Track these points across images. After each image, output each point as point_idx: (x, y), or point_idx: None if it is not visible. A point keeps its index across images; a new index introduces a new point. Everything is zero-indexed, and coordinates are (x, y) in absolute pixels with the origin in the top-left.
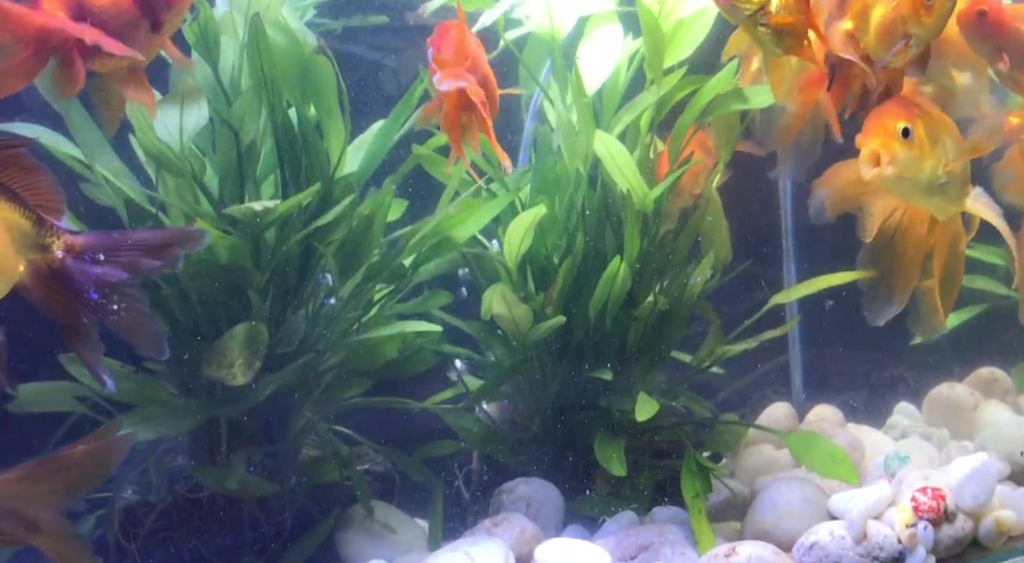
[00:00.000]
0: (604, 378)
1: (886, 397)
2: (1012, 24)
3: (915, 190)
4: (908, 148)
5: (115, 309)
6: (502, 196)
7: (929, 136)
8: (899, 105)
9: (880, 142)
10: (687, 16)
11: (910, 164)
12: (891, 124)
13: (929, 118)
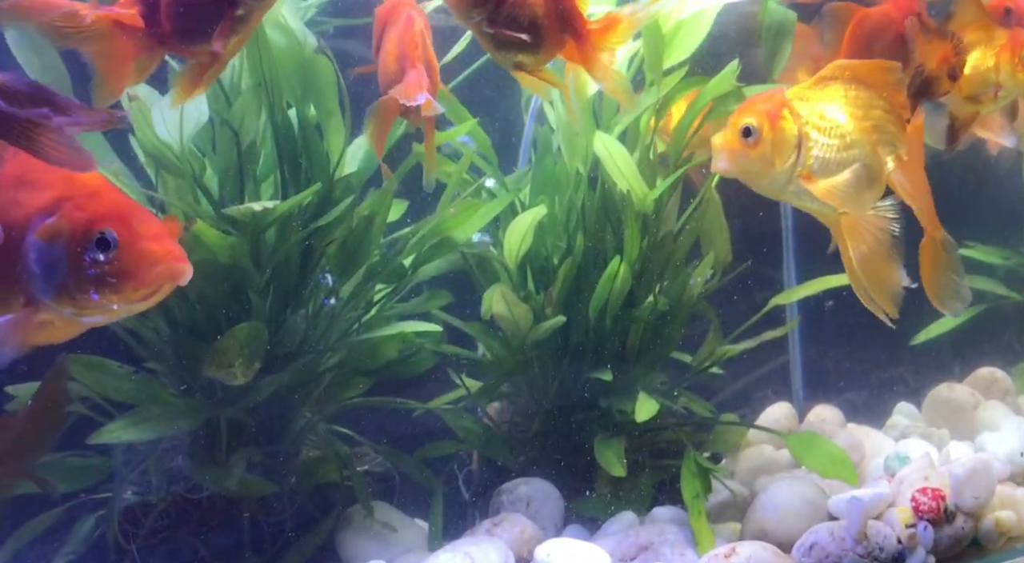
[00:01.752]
0: (604, 378)
1: (886, 397)
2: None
3: (766, 189)
4: (745, 147)
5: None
6: (502, 196)
7: (781, 140)
8: (768, 101)
9: (721, 137)
10: (687, 17)
11: (745, 163)
12: (740, 119)
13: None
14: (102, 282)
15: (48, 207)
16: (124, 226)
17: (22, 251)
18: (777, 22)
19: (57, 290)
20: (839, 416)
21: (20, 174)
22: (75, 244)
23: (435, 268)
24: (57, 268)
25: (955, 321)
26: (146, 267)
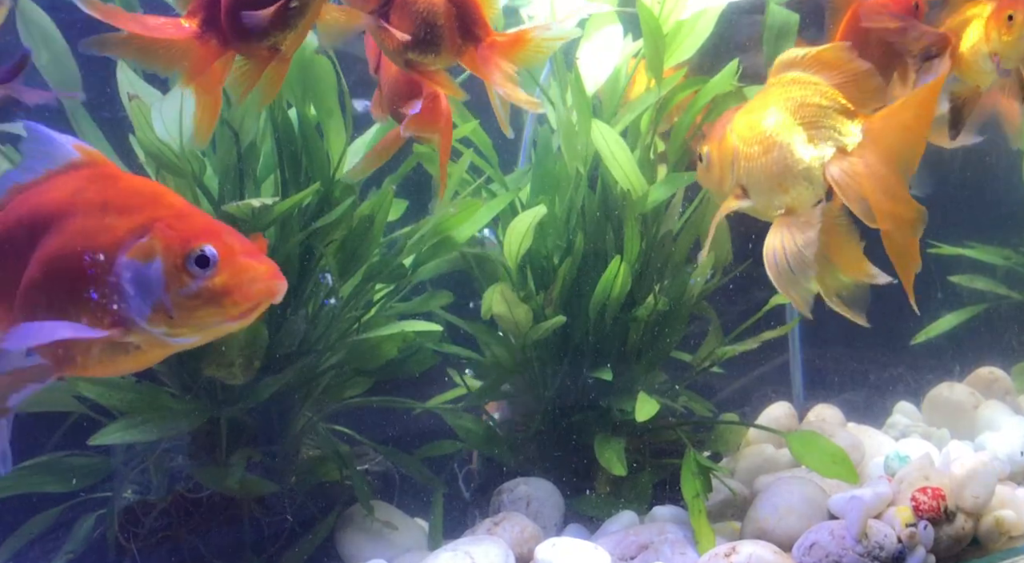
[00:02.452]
0: (604, 378)
1: (886, 397)
2: None
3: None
4: (703, 171)
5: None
6: (502, 196)
7: (723, 160)
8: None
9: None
10: (687, 17)
11: (707, 184)
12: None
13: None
14: (202, 299)
15: (138, 229)
16: (221, 243)
17: (112, 273)
18: (779, 24)
19: (153, 309)
20: (839, 416)
21: (104, 199)
22: (173, 262)
23: (435, 268)
24: (153, 287)
25: (955, 321)
26: (247, 283)
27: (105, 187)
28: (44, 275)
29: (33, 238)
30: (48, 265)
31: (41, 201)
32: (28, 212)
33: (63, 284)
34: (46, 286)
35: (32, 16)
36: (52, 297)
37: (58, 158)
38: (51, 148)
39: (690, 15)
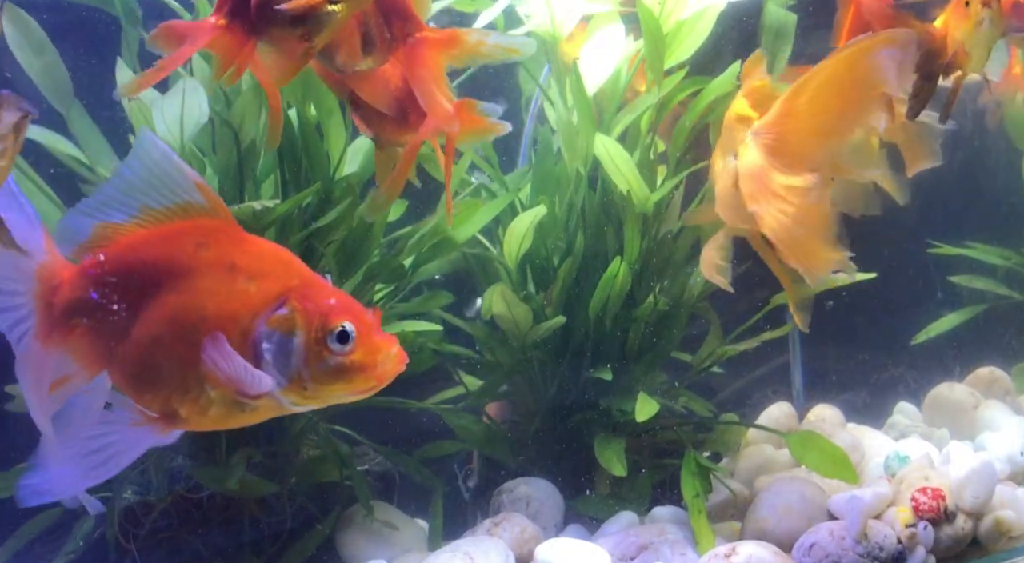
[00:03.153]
0: (604, 378)
1: (886, 397)
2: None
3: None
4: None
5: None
6: (502, 196)
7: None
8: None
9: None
10: (688, 17)
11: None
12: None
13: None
14: (339, 374)
15: (274, 298)
16: (358, 320)
17: (251, 340)
18: (777, 24)
19: (290, 380)
20: (839, 416)
21: (232, 261)
22: (314, 336)
23: (435, 268)
24: (293, 359)
25: (955, 321)
26: (380, 362)
27: (231, 246)
28: (168, 333)
29: (146, 290)
30: (173, 323)
31: (160, 253)
32: (141, 262)
33: (188, 347)
34: (168, 344)
35: (20, 20)
36: (173, 356)
37: (168, 197)
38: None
39: (691, 14)
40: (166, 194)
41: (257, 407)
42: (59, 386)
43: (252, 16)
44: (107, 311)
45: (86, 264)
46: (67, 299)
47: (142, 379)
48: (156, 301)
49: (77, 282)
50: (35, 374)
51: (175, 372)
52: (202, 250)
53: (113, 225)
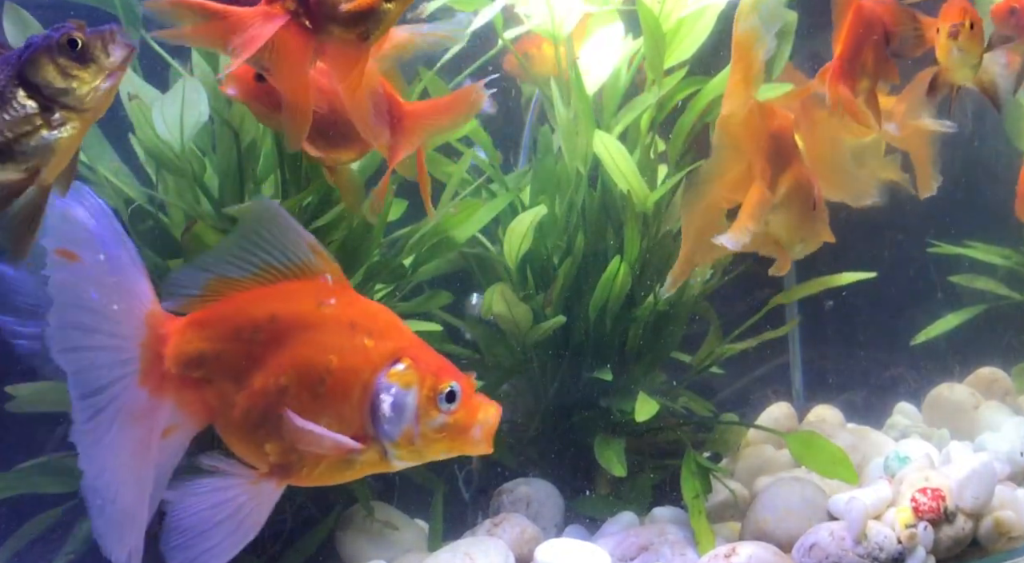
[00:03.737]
0: (604, 378)
1: (886, 397)
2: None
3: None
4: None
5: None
6: (502, 196)
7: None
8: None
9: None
10: (688, 16)
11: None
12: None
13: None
14: (443, 432)
15: (391, 355)
16: (462, 381)
17: (370, 394)
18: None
19: (402, 435)
20: (839, 416)
21: (351, 319)
22: (426, 394)
23: (435, 268)
24: (407, 414)
25: (955, 321)
26: (480, 422)
27: (348, 305)
28: (293, 385)
29: (266, 343)
30: (300, 376)
31: (284, 308)
32: (268, 316)
33: (313, 397)
34: (293, 395)
35: (20, 19)
36: (296, 408)
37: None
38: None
39: (691, 13)
40: (284, 254)
41: (364, 462)
42: (166, 437)
43: (314, 13)
44: (222, 363)
45: (201, 316)
46: (180, 350)
47: (262, 430)
48: (279, 354)
49: (191, 333)
50: (142, 424)
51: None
52: (324, 308)
53: (228, 280)
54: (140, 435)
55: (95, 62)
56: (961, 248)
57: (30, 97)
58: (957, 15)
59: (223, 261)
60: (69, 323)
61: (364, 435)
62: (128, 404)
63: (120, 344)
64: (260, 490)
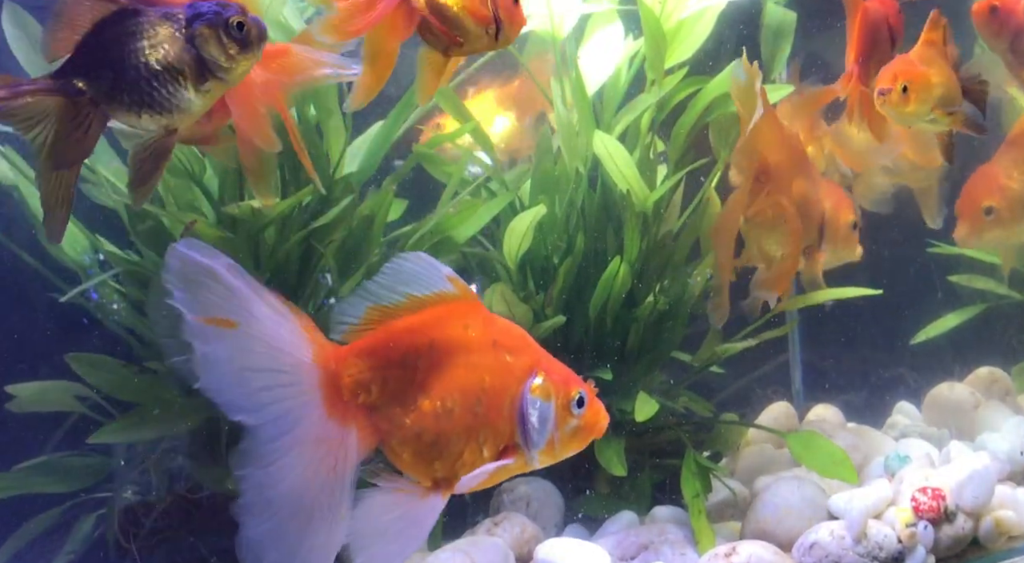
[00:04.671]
0: (604, 378)
1: (886, 397)
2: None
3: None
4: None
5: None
6: (502, 196)
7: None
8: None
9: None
10: (688, 16)
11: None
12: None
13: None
14: (575, 435)
15: (530, 370)
16: (584, 386)
17: (519, 408)
18: (777, 23)
19: (546, 442)
20: (839, 416)
21: (493, 338)
22: (562, 402)
23: None
24: (550, 423)
25: (955, 321)
26: (599, 421)
27: (488, 326)
28: (457, 404)
29: (424, 366)
30: (461, 395)
31: (439, 334)
32: (427, 341)
33: (473, 415)
34: (457, 414)
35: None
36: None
37: (428, 287)
38: (426, 276)
39: (691, 14)
40: (426, 285)
41: (512, 469)
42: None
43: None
44: (389, 388)
45: (364, 345)
46: (352, 379)
47: (432, 448)
48: (440, 377)
49: (359, 362)
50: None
51: (461, 440)
52: (469, 330)
53: (383, 309)
54: (336, 464)
55: (251, 47)
56: (961, 248)
57: (194, 64)
58: (888, 79)
59: (375, 292)
60: (244, 387)
61: (514, 445)
62: (321, 437)
63: (299, 390)
64: (430, 502)
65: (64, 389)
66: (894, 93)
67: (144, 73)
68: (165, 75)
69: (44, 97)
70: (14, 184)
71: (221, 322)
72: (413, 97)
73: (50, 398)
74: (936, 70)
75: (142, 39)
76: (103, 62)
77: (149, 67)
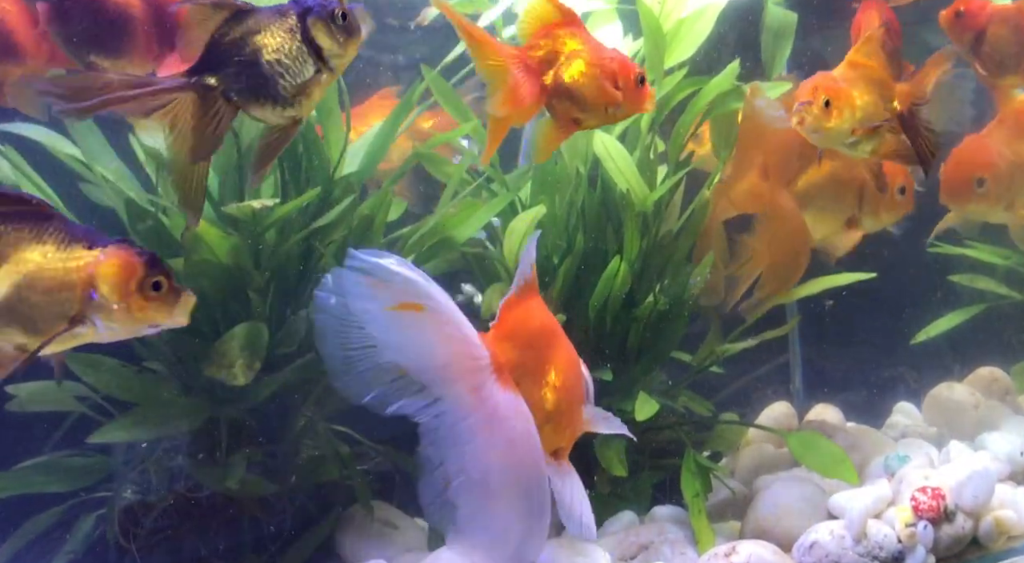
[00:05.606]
0: (604, 378)
1: (886, 397)
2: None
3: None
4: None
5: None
6: (502, 196)
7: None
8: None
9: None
10: (688, 16)
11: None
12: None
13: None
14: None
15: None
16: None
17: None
18: (777, 23)
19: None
20: (839, 416)
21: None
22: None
23: (435, 268)
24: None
25: (955, 321)
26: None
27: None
28: (572, 378)
29: (546, 347)
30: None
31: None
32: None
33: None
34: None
35: None
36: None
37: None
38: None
39: (691, 13)
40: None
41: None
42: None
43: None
44: (526, 366)
45: (501, 331)
46: (505, 359)
47: (561, 419)
48: (556, 355)
49: (503, 345)
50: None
51: (575, 409)
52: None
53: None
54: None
55: (355, 34)
56: (961, 248)
57: (311, 55)
58: (808, 92)
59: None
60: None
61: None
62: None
63: (480, 363)
64: (564, 469)
65: (64, 389)
66: (815, 106)
67: (267, 68)
68: (287, 67)
69: (179, 93)
70: (14, 184)
71: (411, 306)
72: (413, 97)
73: (50, 398)
74: (860, 91)
75: (263, 35)
76: (230, 59)
77: (272, 61)
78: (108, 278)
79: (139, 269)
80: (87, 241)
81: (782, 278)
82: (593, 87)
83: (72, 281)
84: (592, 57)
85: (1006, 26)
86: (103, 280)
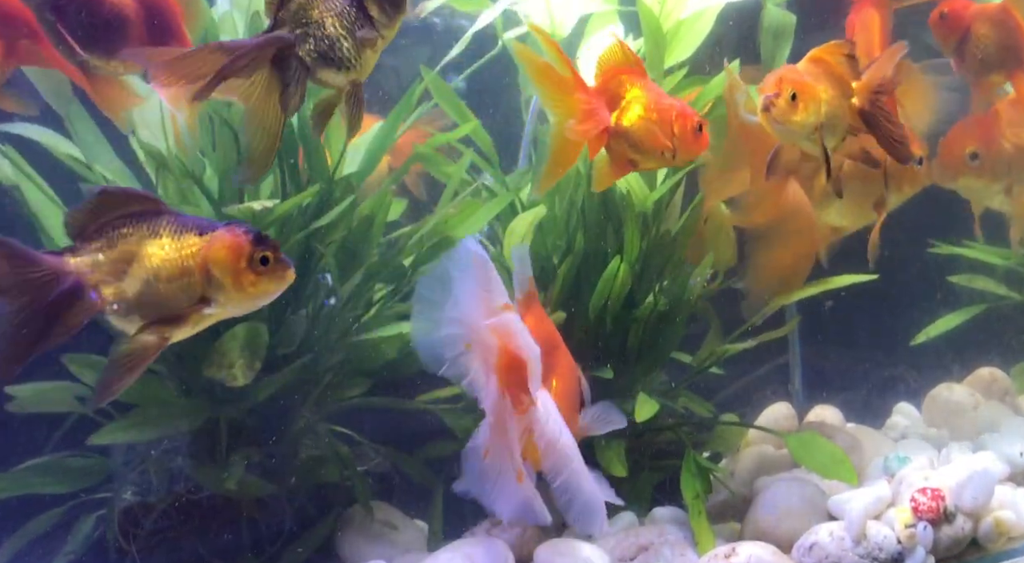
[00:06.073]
0: (604, 378)
1: (886, 397)
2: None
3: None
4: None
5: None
6: (502, 196)
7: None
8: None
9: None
10: (688, 16)
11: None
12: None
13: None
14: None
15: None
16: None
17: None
18: (776, 24)
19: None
20: (839, 416)
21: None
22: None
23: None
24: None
25: (955, 321)
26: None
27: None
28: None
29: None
30: (567, 379)
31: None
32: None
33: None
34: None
35: None
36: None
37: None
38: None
39: (690, 14)
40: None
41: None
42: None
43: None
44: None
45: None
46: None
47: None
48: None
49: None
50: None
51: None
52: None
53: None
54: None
55: (402, 7)
56: (961, 248)
57: (367, 23)
58: (773, 85)
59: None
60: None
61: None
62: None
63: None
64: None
65: (64, 389)
66: (782, 99)
67: (332, 30)
68: (349, 30)
69: (266, 49)
70: (14, 184)
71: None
72: (413, 97)
73: (50, 398)
74: (824, 86)
75: (327, 2)
76: (299, 23)
77: (336, 24)
78: (219, 261)
79: (246, 247)
80: (197, 229)
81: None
82: (647, 132)
83: (190, 267)
84: (650, 104)
85: (989, 24)
86: (215, 263)
